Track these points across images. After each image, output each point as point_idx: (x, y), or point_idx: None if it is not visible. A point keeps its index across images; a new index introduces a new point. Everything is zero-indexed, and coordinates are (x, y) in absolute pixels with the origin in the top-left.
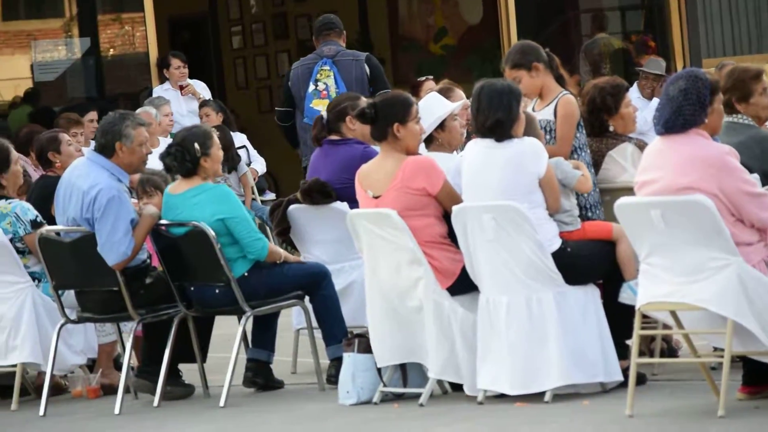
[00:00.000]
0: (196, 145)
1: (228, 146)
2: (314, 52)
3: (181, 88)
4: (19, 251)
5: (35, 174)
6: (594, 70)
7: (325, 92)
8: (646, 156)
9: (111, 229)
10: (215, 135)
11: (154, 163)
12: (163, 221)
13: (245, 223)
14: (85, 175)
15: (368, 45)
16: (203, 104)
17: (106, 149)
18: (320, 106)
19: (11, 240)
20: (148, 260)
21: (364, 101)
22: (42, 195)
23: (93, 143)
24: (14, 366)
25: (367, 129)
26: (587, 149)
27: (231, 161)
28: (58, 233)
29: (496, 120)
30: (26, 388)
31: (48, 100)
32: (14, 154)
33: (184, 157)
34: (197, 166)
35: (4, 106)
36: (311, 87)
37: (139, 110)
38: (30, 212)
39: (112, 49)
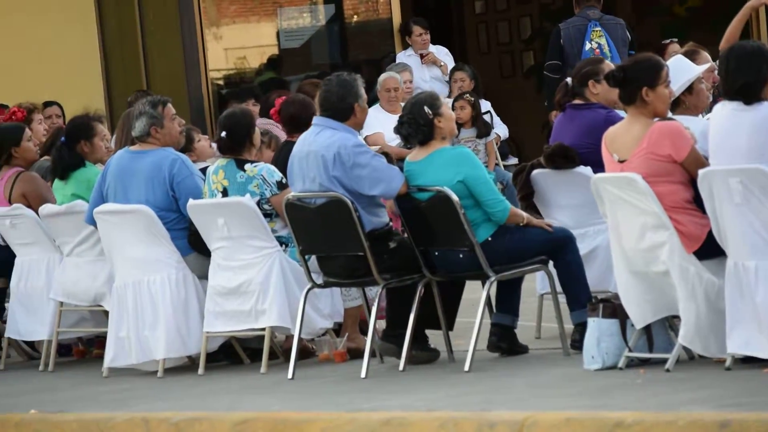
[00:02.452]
0: (426, 108)
1: (478, 114)
2: (578, 14)
3: (422, 56)
4: (266, 214)
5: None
6: None
7: (598, 50)
8: None
9: (373, 164)
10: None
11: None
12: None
13: (487, 183)
14: (315, 141)
15: (612, 8)
16: (458, 68)
17: (344, 113)
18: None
19: (258, 203)
20: (391, 224)
21: (608, 65)
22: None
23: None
24: (263, 330)
25: (610, 93)
26: None
27: (481, 129)
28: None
29: (744, 82)
30: (275, 352)
31: (293, 67)
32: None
33: (418, 123)
34: (432, 128)
35: (251, 72)
36: (587, 45)
37: (382, 76)
38: (276, 174)
39: (355, 16)
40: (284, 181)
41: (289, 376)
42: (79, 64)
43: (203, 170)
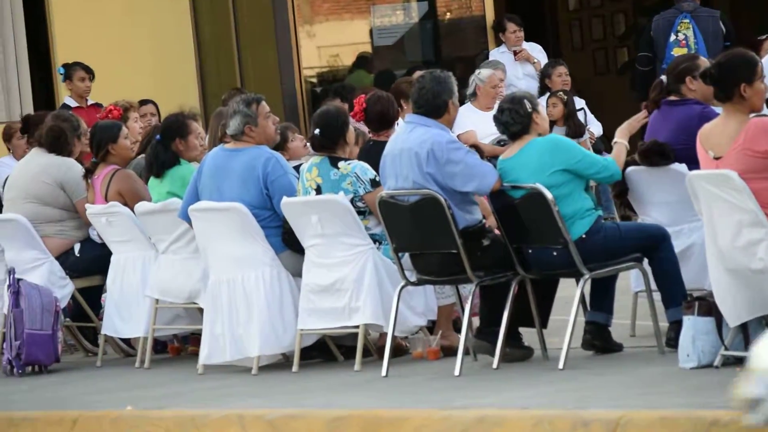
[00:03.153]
0: (527, 102)
1: (570, 112)
2: (674, 6)
3: (515, 53)
4: (359, 212)
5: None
6: None
7: (684, 42)
8: None
9: (467, 161)
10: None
11: None
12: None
13: (585, 158)
14: (408, 138)
15: (710, 2)
16: (558, 63)
17: (438, 110)
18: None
19: (351, 200)
20: (484, 221)
21: (704, 62)
22: (375, 161)
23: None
24: (357, 327)
25: (708, 89)
26: None
27: (572, 128)
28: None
29: None
30: (368, 349)
31: (386, 64)
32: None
33: (518, 112)
34: (530, 122)
35: (344, 70)
36: (672, 37)
37: (485, 72)
38: (369, 171)
39: (448, 13)
40: (377, 178)
41: (383, 373)
42: (174, 64)
43: (297, 168)
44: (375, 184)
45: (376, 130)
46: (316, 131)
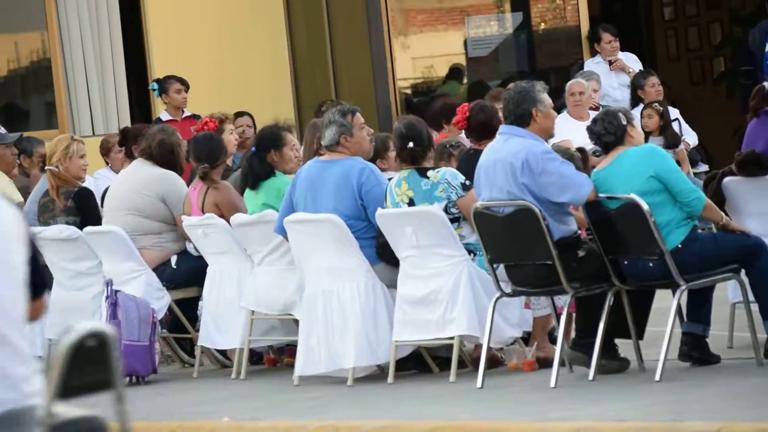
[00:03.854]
0: (621, 115)
1: (666, 123)
2: None
3: (611, 63)
4: (453, 219)
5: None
6: None
7: None
8: None
9: (562, 171)
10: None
11: None
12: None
13: (678, 173)
14: (502, 149)
15: None
16: (649, 74)
17: (522, 119)
18: None
19: (445, 208)
20: (579, 232)
21: None
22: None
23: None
24: (452, 338)
25: None
26: None
27: (669, 139)
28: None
29: None
30: (464, 361)
31: (480, 75)
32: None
33: (613, 123)
34: (624, 134)
35: (438, 81)
36: (767, 47)
37: (570, 82)
38: (459, 176)
39: (543, 23)
40: (468, 182)
41: (478, 384)
42: (269, 76)
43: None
44: (466, 188)
45: (478, 139)
46: (410, 144)
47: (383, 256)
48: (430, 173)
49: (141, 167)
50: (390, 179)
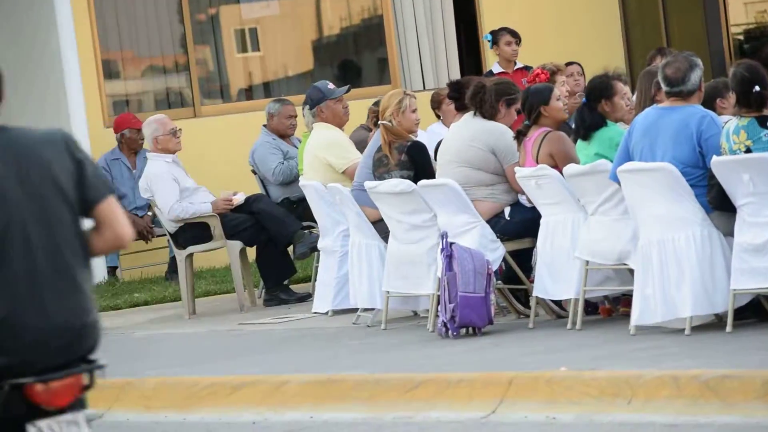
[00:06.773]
0: None
1: None
2: None
3: None
4: None
5: None
6: None
7: None
8: None
9: None
10: None
11: None
12: None
13: None
14: None
15: None
16: None
17: None
18: None
19: None
20: None
21: None
22: None
23: None
24: None
25: None
26: None
27: None
28: None
29: None
30: None
31: None
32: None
33: None
34: None
35: None
36: None
37: None
38: None
39: None
40: None
41: None
42: (600, 29)
43: None
44: None
45: None
46: (756, 88)
47: (717, 204)
48: None
49: (470, 120)
50: (726, 123)
